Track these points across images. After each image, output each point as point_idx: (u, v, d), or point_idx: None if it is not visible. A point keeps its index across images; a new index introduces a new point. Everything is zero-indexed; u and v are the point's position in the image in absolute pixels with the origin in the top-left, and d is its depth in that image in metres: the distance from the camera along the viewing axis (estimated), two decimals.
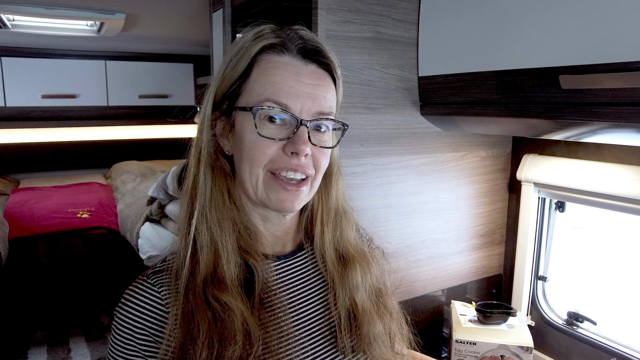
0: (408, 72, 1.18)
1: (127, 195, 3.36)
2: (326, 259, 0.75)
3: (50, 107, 3.47)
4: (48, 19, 2.37)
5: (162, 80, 3.74)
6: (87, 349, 2.62)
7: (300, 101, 0.64)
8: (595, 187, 1.11)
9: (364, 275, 0.75)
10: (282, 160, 0.64)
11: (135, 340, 0.64)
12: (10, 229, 2.76)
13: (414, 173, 1.23)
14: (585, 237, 1.32)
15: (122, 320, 0.65)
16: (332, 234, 0.76)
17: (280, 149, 0.64)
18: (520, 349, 1.08)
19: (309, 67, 0.66)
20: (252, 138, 0.64)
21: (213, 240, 0.65)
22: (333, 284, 0.74)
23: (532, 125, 1.00)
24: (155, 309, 0.64)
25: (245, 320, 0.62)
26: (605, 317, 1.18)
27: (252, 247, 0.68)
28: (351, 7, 1.07)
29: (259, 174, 0.65)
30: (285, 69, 0.64)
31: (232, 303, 0.63)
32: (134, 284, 0.67)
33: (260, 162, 0.65)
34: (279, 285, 0.70)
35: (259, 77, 0.65)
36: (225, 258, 0.65)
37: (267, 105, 0.63)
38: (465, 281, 1.40)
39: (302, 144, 0.63)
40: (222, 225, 0.66)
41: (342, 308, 0.72)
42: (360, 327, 0.72)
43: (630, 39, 0.74)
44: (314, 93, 0.65)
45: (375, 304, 0.76)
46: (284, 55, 0.65)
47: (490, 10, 0.99)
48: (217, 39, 1.75)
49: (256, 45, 0.65)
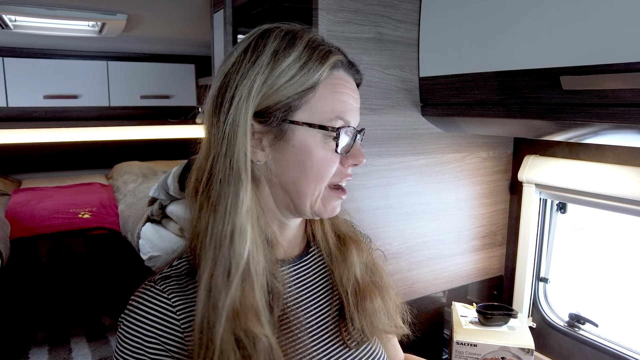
0: (409, 72, 1.18)
1: (128, 196, 3.36)
2: (329, 242, 0.77)
3: (52, 107, 3.48)
4: (49, 20, 2.37)
5: (163, 81, 3.75)
6: (88, 349, 2.62)
7: (354, 117, 0.67)
8: (597, 189, 1.11)
9: (358, 252, 0.78)
10: (341, 173, 0.67)
11: (144, 349, 0.62)
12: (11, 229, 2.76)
13: (414, 174, 1.23)
14: (587, 239, 1.31)
15: (130, 329, 0.62)
16: (329, 221, 0.78)
17: (338, 162, 0.66)
18: (521, 351, 1.08)
19: (354, 82, 0.69)
20: (321, 155, 0.64)
21: (247, 263, 0.63)
22: (337, 263, 0.76)
23: (534, 126, 1.00)
24: (166, 317, 0.63)
25: (272, 352, 0.61)
26: (607, 319, 1.18)
27: (272, 261, 0.66)
28: (352, 7, 1.06)
29: (322, 188, 0.66)
30: (345, 86, 0.66)
31: (262, 334, 0.60)
32: (141, 291, 0.65)
33: (327, 178, 0.66)
34: (293, 292, 0.71)
35: (327, 93, 0.64)
36: (257, 283, 0.62)
37: (338, 125, 0.64)
38: (466, 282, 1.39)
39: (361, 155, 0.67)
40: (256, 244, 0.64)
41: (349, 284, 0.74)
42: (364, 301, 0.74)
43: (631, 39, 0.74)
44: (358, 107, 0.68)
45: (372, 280, 0.78)
46: (340, 70, 0.66)
47: (491, 11, 0.99)
48: (218, 40, 1.75)
49: (329, 60, 0.63)
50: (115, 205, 3.33)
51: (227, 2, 1.63)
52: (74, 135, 3.87)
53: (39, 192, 3.42)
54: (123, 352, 0.63)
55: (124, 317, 0.64)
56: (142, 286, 0.66)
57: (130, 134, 4.08)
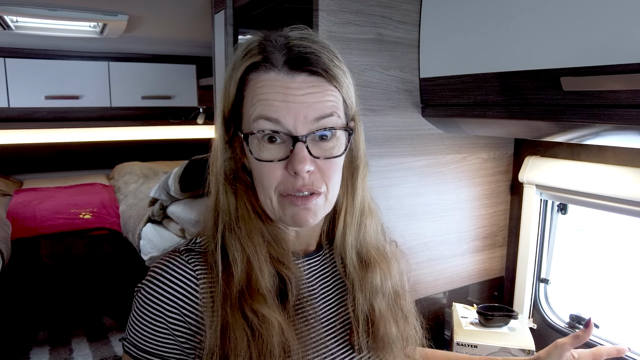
0: (409, 73, 1.18)
1: (129, 196, 3.36)
2: (346, 262, 0.72)
3: (53, 108, 3.49)
4: (51, 20, 2.37)
5: (164, 82, 3.75)
6: (89, 349, 2.63)
7: (292, 114, 0.59)
8: (598, 190, 1.10)
9: (384, 279, 0.73)
10: (288, 181, 0.61)
11: (165, 316, 0.62)
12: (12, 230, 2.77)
13: (415, 175, 1.23)
14: (588, 239, 1.31)
15: (151, 295, 0.62)
16: (354, 236, 0.72)
17: (284, 169, 0.61)
18: (521, 352, 1.08)
19: (298, 78, 0.60)
20: (255, 163, 0.63)
21: (245, 253, 0.64)
22: (352, 288, 0.72)
23: (534, 127, 1.00)
24: (189, 287, 0.63)
25: (283, 332, 0.61)
26: (608, 320, 1.18)
27: (283, 255, 0.67)
28: (352, 8, 1.06)
29: (272, 196, 0.63)
30: (272, 86, 0.60)
31: (271, 315, 0.61)
32: (165, 259, 0.65)
33: (270, 186, 0.62)
34: (307, 287, 0.70)
35: (250, 98, 0.62)
36: (259, 269, 0.63)
37: (259, 127, 0.60)
38: (467, 283, 1.39)
39: (299, 162, 0.59)
40: (251, 237, 0.65)
41: (361, 312, 0.70)
42: (377, 331, 0.71)
43: (632, 41, 0.74)
44: (308, 101, 0.60)
45: (392, 308, 0.74)
46: (270, 72, 0.61)
47: (492, 12, 0.99)
48: (219, 41, 1.75)
49: (241, 66, 0.63)
50: (116, 205, 3.34)
51: (228, 3, 1.63)
52: (76, 136, 3.88)
53: (41, 193, 3.42)
54: (141, 319, 0.63)
55: (143, 284, 0.64)
56: (166, 256, 0.66)
57: (131, 135, 4.08)
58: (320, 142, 0.62)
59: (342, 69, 0.64)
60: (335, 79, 0.63)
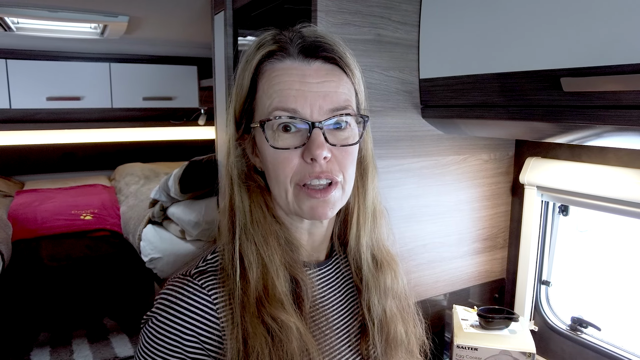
0: (409, 74, 1.17)
1: (130, 197, 3.37)
2: (361, 263, 0.72)
3: (54, 109, 3.50)
4: (52, 22, 2.38)
5: (166, 83, 3.76)
6: (90, 350, 2.62)
7: (309, 102, 0.60)
8: (599, 191, 1.10)
9: (394, 279, 0.74)
10: (305, 170, 0.61)
11: (183, 347, 0.59)
12: (13, 231, 2.78)
13: (414, 176, 1.22)
14: (590, 241, 1.30)
15: (166, 325, 0.59)
16: (369, 236, 0.73)
17: (300, 157, 0.61)
18: (522, 355, 1.07)
19: (314, 65, 0.62)
20: (270, 153, 0.62)
21: (260, 256, 0.63)
22: (367, 289, 0.72)
23: (535, 128, 0.99)
24: (207, 314, 0.60)
25: (301, 336, 0.60)
26: (609, 323, 1.17)
27: (296, 261, 0.66)
28: (351, 9, 1.06)
29: (288, 188, 0.62)
30: (288, 74, 0.61)
31: (289, 320, 0.60)
32: (178, 285, 0.62)
33: (285, 176, 0.61)
34: (321, 296, 0.70)
35: (265, 88, 0.62)
36: (275, 274, 0.62)
37: (275, 115, 0.60)
38: (468, 285, 1.38)
39: (316, 148, 0.59)
40: (267, 240, 0.64)
41: (375, 314, 0.71)
42: (388, 333, 0.71)
43: (632, 41, 0.73)
44: (324, 90, 0.61)
45: (401, 309, 0.75)
46: (286, 60, 0.62)
47: (492, 12, 0.98)
48: (219, 42, 1.74)
49: (256, 56, 0.63)
50: (116, 206, 3.34)
51: (228, 4, 1.62)
52: (77, 137, 3.89)
53: (42, 194, 3.43)
54: (155, 350, 0.59)
55: (155, 313, 0.61)
56: (177, 281, 0.63)
57: (132, 136, 4.09)
58: (335, 132, 0.63)
59: (354, 61, 0.67)
60: (349, 67, 0.65)
